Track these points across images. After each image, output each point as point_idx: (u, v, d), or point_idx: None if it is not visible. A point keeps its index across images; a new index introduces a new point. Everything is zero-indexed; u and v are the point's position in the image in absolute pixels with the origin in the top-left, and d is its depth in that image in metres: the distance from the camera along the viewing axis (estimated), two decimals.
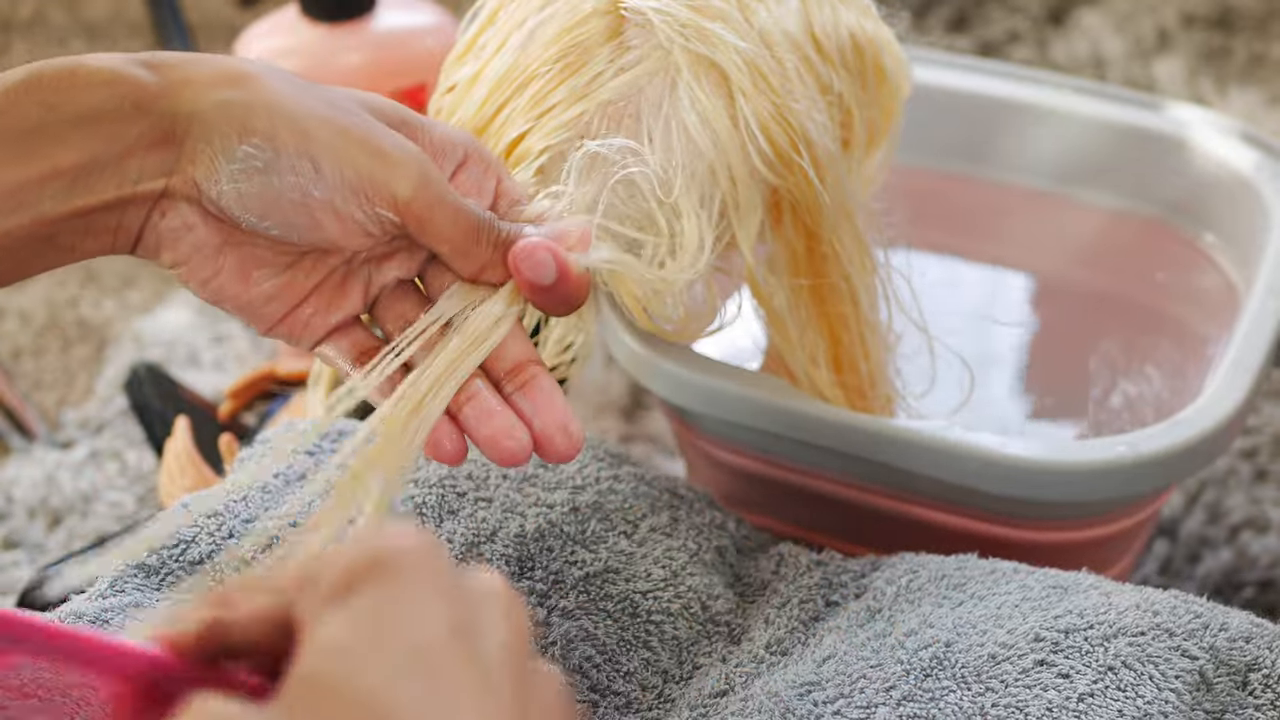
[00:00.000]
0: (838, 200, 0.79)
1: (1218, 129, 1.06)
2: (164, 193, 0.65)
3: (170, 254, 0.66)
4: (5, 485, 1.24)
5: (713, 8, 0.76)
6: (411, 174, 0.65)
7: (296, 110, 0.65)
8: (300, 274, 0.68)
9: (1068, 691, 0.68)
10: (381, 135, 0.66)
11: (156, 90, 0.64)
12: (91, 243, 0.65)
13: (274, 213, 0.65)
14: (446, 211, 0.66)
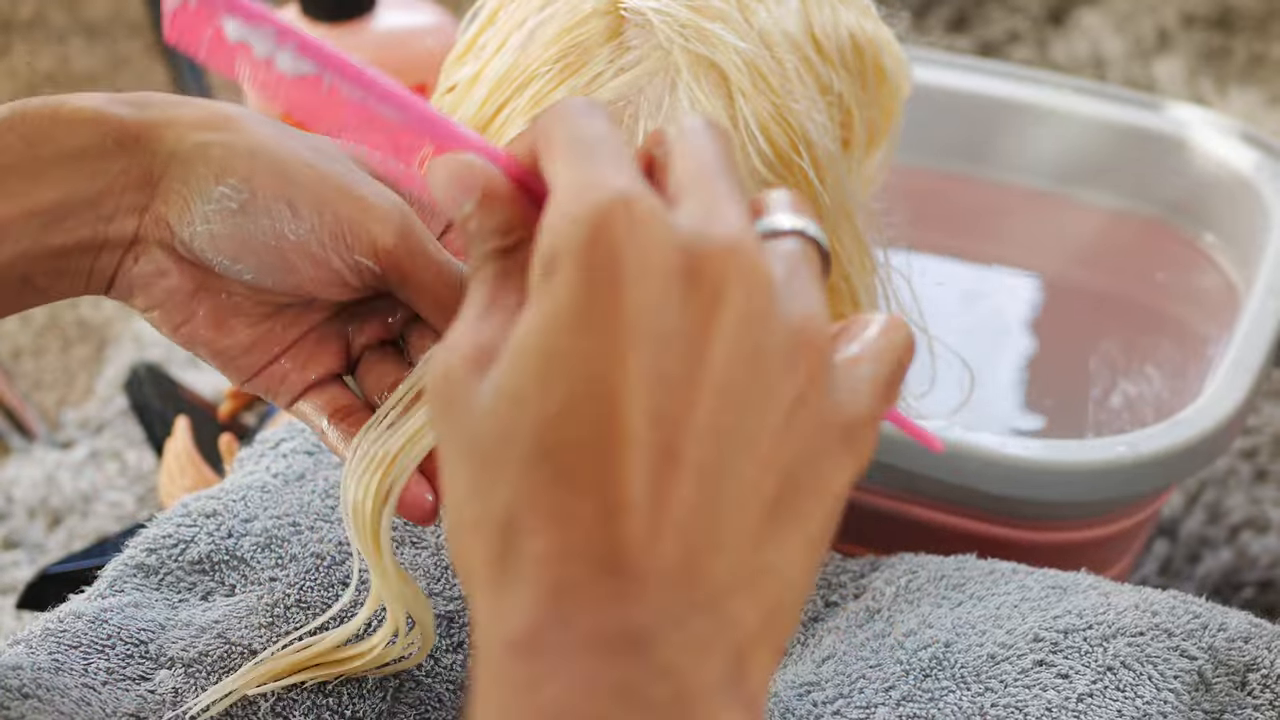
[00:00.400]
0: (837, 200, 0.79)
1: (1218, 129, 1.06)
2: (136, 237, 0.63)
3: (143, 298, 0.65)
4: (5, 485, 1.24)
5: (712, 8, 0.76)
6: (393, 223, 0.63)
7: (278, 153, 0.63)
8: (278, 326, 0.66)
9: (1067, 692, 0.68)
10: (363, 183, 0.64)
11: (138, 130, 0.63)
12: (65, 284, 0.64)
13: (246, 255, 0.63)
14: (429, 264, 0.63)
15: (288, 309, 0.66)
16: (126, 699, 0.67)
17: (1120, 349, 1.04)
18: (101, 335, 1.39)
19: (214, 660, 0.68)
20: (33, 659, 0.67)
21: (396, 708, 0.68)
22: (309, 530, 0.74)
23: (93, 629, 0.69)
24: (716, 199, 0.45)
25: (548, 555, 0.42)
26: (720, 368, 0.43)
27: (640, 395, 0.43)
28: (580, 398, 0.43)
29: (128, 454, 1.27)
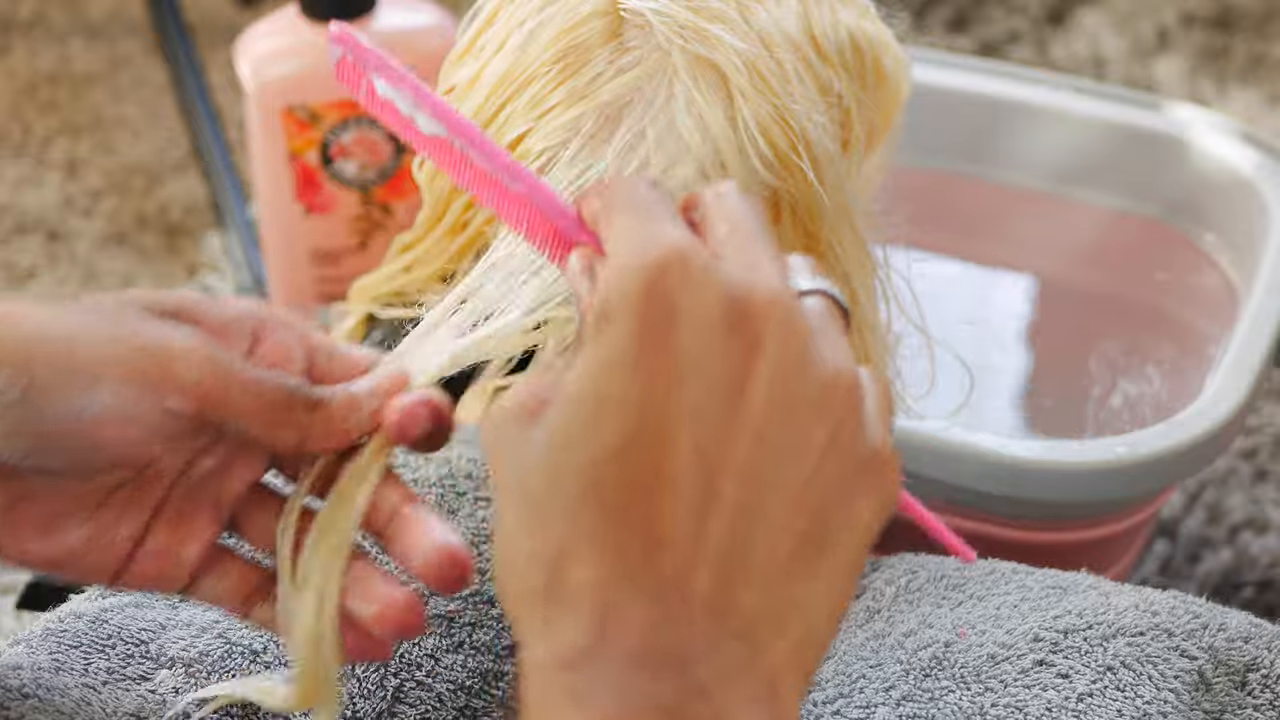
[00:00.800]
0: (837, 201, 0.79)
1: (1218, 129, 1.06)
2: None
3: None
4: None
5: (712, 9, 0.76)
6: (196, 358, 0.57)
7: (50, 332, 0.57)
8: (114, 511, 0.59)
9: (1067, 691, 0.68)
10: (150, 328, 0.58)
11: None
12: None
13: (43, 444, 0.57)
14: (244, 386, 0.58)
15: (119, 489, 0.60)
16: (127, 699, 0.67)
17: (1120, 349, 1.04)
18: None
19: (215, 660, 0.68)
20: (33, 659, 0.67)
21: (396, 707, 0.68)
22: None
23: (93, 629, 0.69)
24: (758, 256, 0.49)
25: (596, 583, 0.46)
26: (758, 413, 0.47)
27: (684, 436, 0.46)
28: (630, 438, 0.46)
29: None
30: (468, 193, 0.58)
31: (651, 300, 0.47)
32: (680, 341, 0.47)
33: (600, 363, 0.47)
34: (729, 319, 0.47)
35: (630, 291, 0.47)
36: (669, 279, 0.47)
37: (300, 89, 1.12)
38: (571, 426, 0.47)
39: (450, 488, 0.79)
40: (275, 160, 1.13)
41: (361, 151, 1.12)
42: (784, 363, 0.47)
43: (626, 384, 0.46)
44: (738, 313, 0.47)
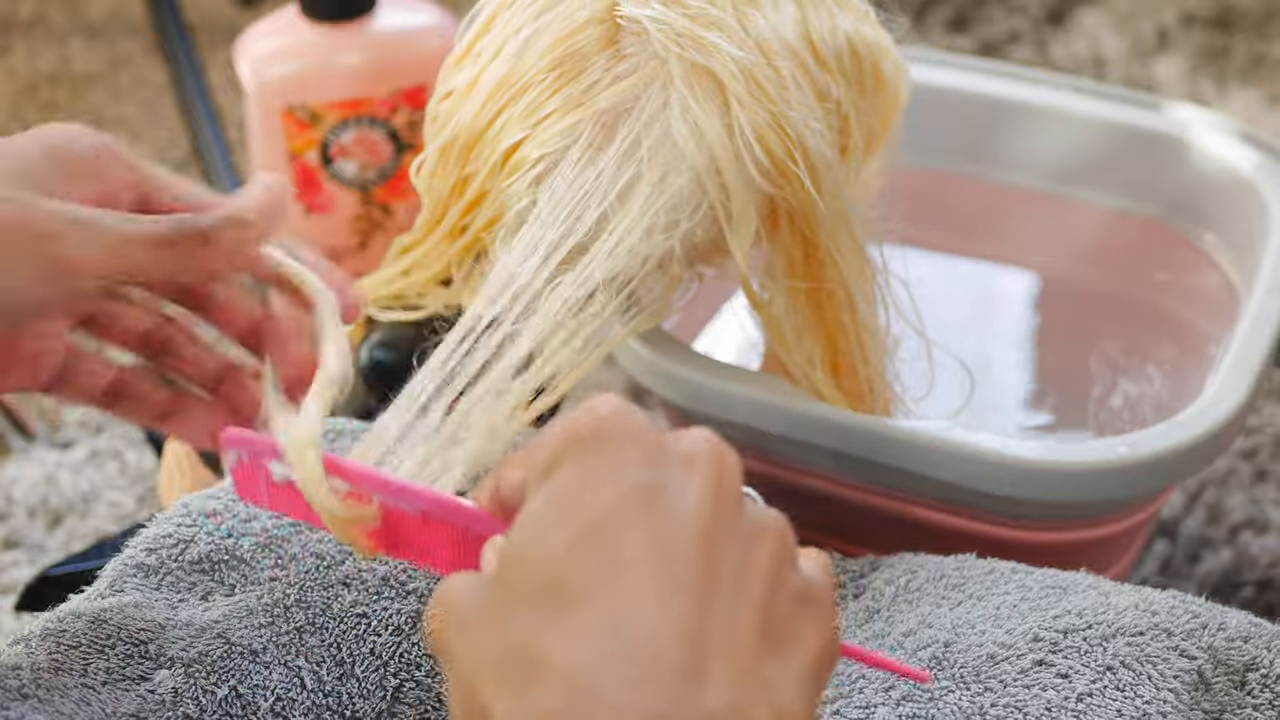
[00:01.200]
0: (835, 208, 0.79)
1: (1218, 129, 1.06)
2: None
3: None
4: (5, 485, 1.24)
5: (709, 16, 0.75)
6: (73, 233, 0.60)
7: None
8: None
9: (1066, 691, 0.68)
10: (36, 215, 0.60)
11: None
12: None
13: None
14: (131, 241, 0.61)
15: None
16: (126, 699, 0.67)
17: (1120, 349, 1.04)
18: None
19: (214, 660, 0.68)
20: (32, 659, 0.67)
21: (396, 707, 0.68)
22: (309, 530, 0.74)
23: (92, 629, 0.69)
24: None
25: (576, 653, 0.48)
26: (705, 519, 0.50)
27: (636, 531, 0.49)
28: (585, 532, 0.49)
29: (128, 454, 1.26)
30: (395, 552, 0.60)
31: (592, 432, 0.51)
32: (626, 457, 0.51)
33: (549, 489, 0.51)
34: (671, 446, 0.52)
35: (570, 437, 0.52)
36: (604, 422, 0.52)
37: (300, 89, 1.12)
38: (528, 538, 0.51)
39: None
40: (275, 160, 1.13)
41: (361, 152, 1.12)
42: (721, 489, 0.51)
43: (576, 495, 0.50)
44: (678, 443, 0.52)
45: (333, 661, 0.69)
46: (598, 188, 0.75)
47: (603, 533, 0.50)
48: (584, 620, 0.49)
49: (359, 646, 0.69)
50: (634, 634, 0.48)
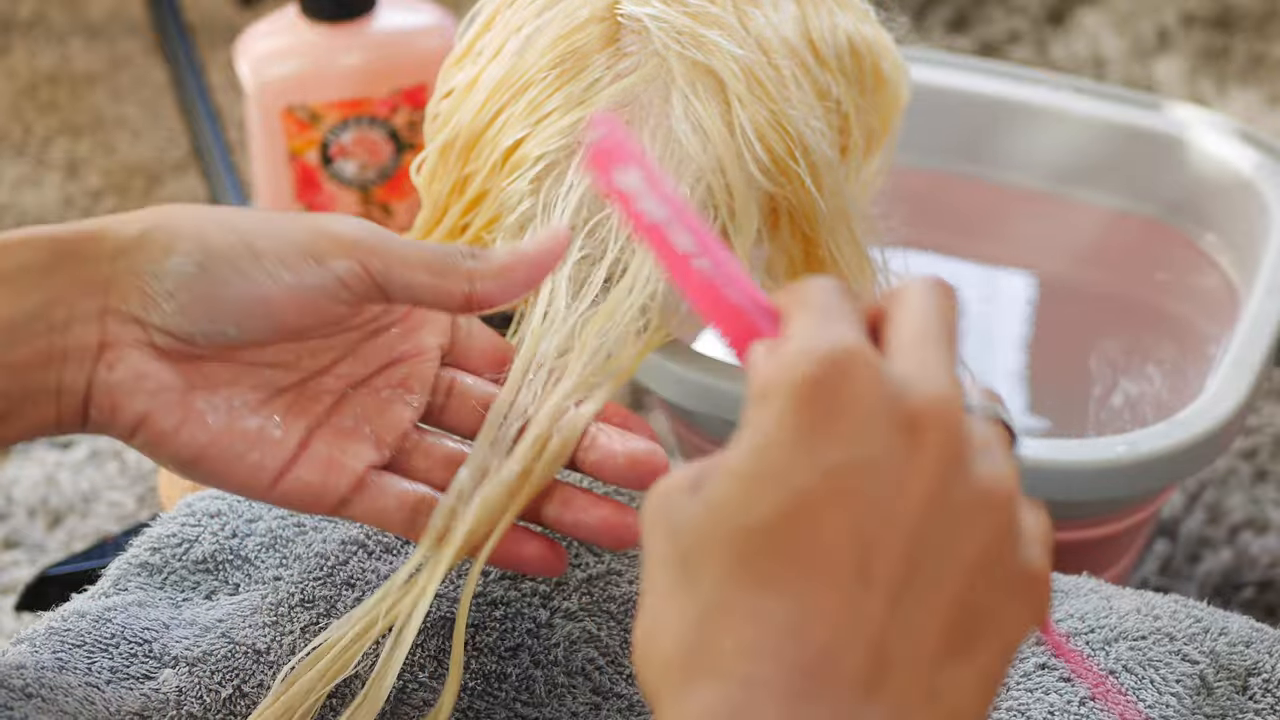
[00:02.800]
0: (835, 207, 0.79)
1: (1218, 129, 1.06)
2: (103, 343, 0.62)
3: (127, 412, 0.62)
4: (5, 485, 1.24)
5: (709, 14, 0.76)
6: (350, 223, 0.63)
7: (220, 216, 0.63)
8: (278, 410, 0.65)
9: (1069, 695, 0.68)
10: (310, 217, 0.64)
11: (74, 239, 0.62)
12: (33, 410, 0.62)
13: (222, 311, 0.62)
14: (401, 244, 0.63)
15: (286, 392, 0.65)
16: (130, 698, 0.67)
17: (1120, 349, 1.04)
18: None
19: (218, 659, 0.68)
20: (36, 658, 0.67)
21: (399, 709, 0.68)
22: (313, 530, 0.74)
23: (96, 628, 0.69)
24: (929, 360, 0.49)
25: (741, 651, 0.46)
26: (916, 507, 0.47)
27: (840, 518, 0.46)
28: (784, 513, 0.46)
29: (128, 454, 1.27)
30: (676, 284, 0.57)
31: (812, 387, 0.47)
32: (840, 429, 0.47)
33: (758, 438, 0.47)
34: (892, 415, 0.47)
35: (792, 377, 0.47)
36: (833, 371, 0.47)
37: (300, 89, 1.12)
38: (727, 497, 0.47)
39: None
40: (275, 160, 1.13)
41: (361, 151, 1.12)
42: (944, 460, 0.47)
43: (784, 461, 0.46)
44: (901, 410, 0.47)
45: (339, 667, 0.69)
46: None
47: (808, 512, 0.46)
48: (767, 614, 0.46)
49: None
50: (814, 640, 0.46)
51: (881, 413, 0.47)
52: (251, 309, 0.62)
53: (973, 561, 0.48)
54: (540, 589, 0.74)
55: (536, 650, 0.71)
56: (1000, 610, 0.48)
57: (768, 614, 0.46)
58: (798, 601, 0.46)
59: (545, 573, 0.68)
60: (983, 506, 0.48)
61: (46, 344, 0.61)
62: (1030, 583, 0.49)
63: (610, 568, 0.77)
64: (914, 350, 0.49)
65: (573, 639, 0.73)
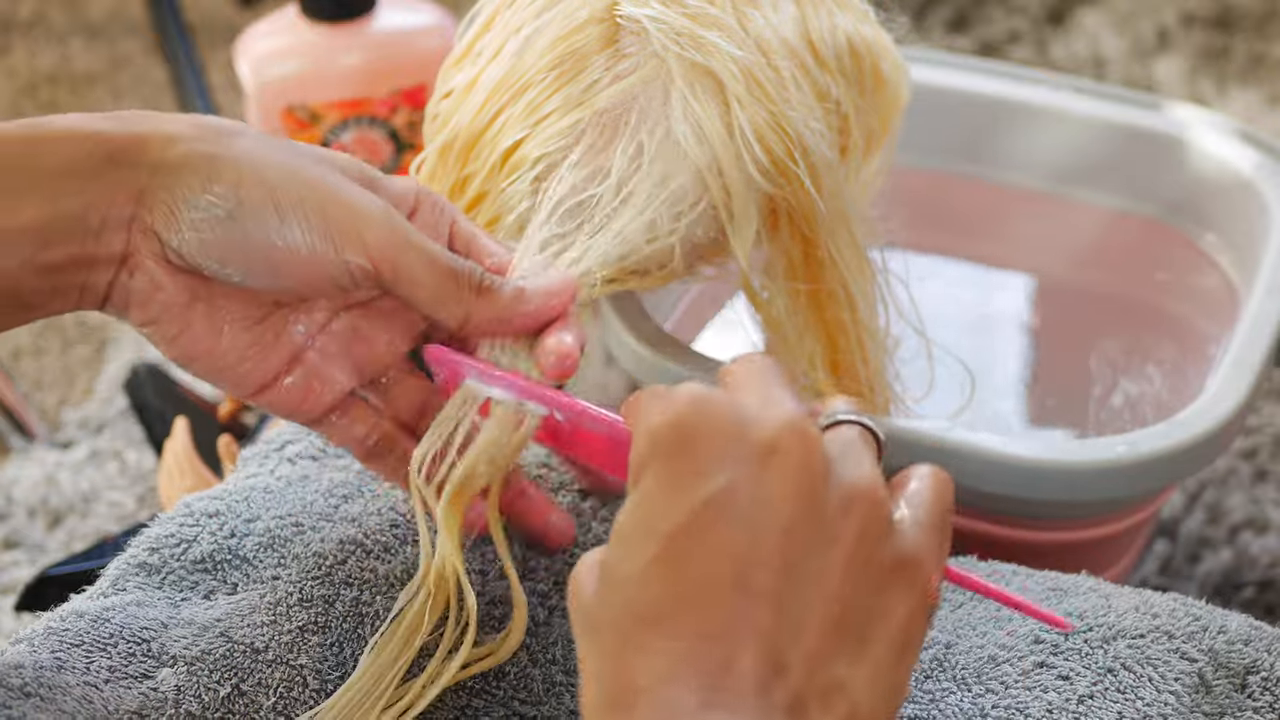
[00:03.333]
0: (834, 208, 0.79)
1: (1217, 129, 1.06)
2: (127, 251, 0.65)
3: (139, 312, 0.66)
4: (5, 485, 1.24)
5: (708, 15, 0.75)
6: (378, 221, 0.65)
7: (263, 163, 0.65)
8: (272, 332, 0.68)
9: (1067, 693, 0.68)
10: (346, 187, 0.66)
11: (124, 143, 0.64)
12: (57, 302, 0.65)
13: (235, 259, 0.65)
14: (419, 256, 0.66)
15: (279, 312, 0.68)
16: (129, 697, 0.67)
17: (1121, 349, 1.04)
18: (101, 335, 1.39)
19: (216, 658, 0.68)
20: (35, 657, 0.67)
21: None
22: (311, 530, 0.74)
23: (95, 627, 0.69)
24: (770, 391, 0.53)
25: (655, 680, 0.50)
26: (782, 516, 0.51)
27: (711, 543, 0.50)
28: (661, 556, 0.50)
29: (128, 454, 1.27)
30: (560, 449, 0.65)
31: (670, 432, 0.51)
32: (701, 466, 0.51)
33: (635, 498, 0.52)
34: (747, 442, 0.51)
35: (651, 431, 0.52)
36: (687, 413, 0.52)
37: (300, 89, 1.12)
38: (616, 560, 0.52)
39: None
40: None
41: (361, 151, 1.12)
42: (803, 474, 0.51)
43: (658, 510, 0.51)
44: (755, 437, 0.51)
45: (335, 661, 0.69)
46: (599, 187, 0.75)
47: (680, 551, 0.50)
48: (665, 647, 0.50)
49: (361, 646, 0.69)
50: (712, 656, 0.49)
51: (737, 441, 0.51)
52: (262, 267, 0.65)
53: (845, 559, 0.51)
54: (539, 588, 0.74)
55: (534, 649, 0.71)
56: (881, 601, 0.52)
57: (669, 647, 0.49)
58: (692, 627, 0.50)
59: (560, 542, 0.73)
60: (846, 508, 0.52)
61: (79, 249, 0.64)
62: (906, 568, 0.52)
63: None
64: (756, 387, 0.54)
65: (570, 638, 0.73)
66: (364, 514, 0.75)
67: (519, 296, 0.68)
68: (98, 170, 0.64)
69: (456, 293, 0.66)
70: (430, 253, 0.66)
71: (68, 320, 1.40)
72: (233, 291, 0.66)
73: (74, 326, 1.40)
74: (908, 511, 0.54)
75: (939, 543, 0.54)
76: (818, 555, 0.51)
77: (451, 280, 0.66)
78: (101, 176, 0.64)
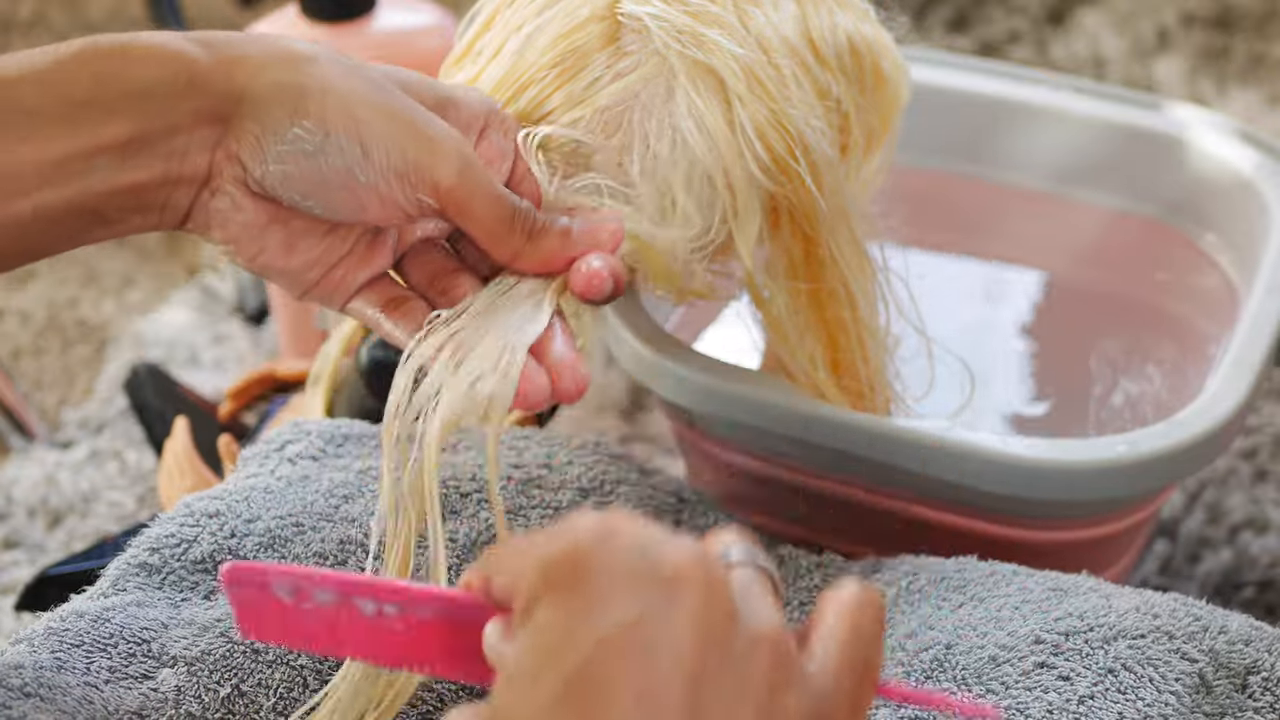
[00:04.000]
0: (835, 206, 0.79)
1: (1217, 129, 1.06)
2: (210, 173, 0.66)
3: (220, 233, 0.67)
4: (5, 485, 1.24)
5: (710, 13, 0.76)
6: (453, 161, 0.67)
7: (349, 95, 0.66)
8: (337, 240, 0.69)
9: (1068, 694, 0.68)
10: (426, 121, 0.67)
11: (209, 67, 0.64)
12: (140, 219, 0.66)
13: (318, 193, 0.66)
14: (484, 199, 0.67)
15: (343, 226, 0.69)
16: (129, 697, 0.67)
17: (1121, 348, 1.04)
18: (101, 335, 1.39)
19: (216, 658, 0.68)
20: (35, 658, 0.67)
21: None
22: (311, 530, 0.74)
23: (95, 628, 0.69)
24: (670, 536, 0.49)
25: None
26: (689, 654, 0.47)
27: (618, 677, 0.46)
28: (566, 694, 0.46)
29: (128, 454, 1.26)
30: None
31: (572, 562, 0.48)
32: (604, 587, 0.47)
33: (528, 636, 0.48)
34: (652, 568, 0.48)
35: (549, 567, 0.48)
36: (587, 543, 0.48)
37: None
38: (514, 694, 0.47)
39: (454, 488, 0.79)
40: None
41: None
42: (712, 607, 0.48)
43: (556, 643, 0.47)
44: (660, 563, 0.48)
45: (335, 661, 0.69)
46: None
47: (585, 688, 0.46)
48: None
49: None
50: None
51: (641, 573, 0.48)
52: (342, 200, 0.67)
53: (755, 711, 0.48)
54: None
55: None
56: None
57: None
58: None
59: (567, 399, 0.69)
60: (752, 652, 0.48)
61: (164, 168, 0.65)
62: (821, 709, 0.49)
63: None
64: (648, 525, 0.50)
65: None
66: (364, 514, 0.75)
67: (565, 240, 0.69)
68: (184, 92, 0.64)
69: (509, 235, 0.68)
70: (493, 195, 0.68)
71: (68, 320, 1.40)
72: (306, 218, 0.68)
73: (74, 326, 1.40)
74: (820, 653, 0.51)
75: (855, 685, 0.50)
76: (727, 702, 0.47)
77: (508, 223, 0.68)
78: (188, 99, 0.64)
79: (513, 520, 0.78)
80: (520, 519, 0.78)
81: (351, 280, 0.70)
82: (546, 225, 0.69)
